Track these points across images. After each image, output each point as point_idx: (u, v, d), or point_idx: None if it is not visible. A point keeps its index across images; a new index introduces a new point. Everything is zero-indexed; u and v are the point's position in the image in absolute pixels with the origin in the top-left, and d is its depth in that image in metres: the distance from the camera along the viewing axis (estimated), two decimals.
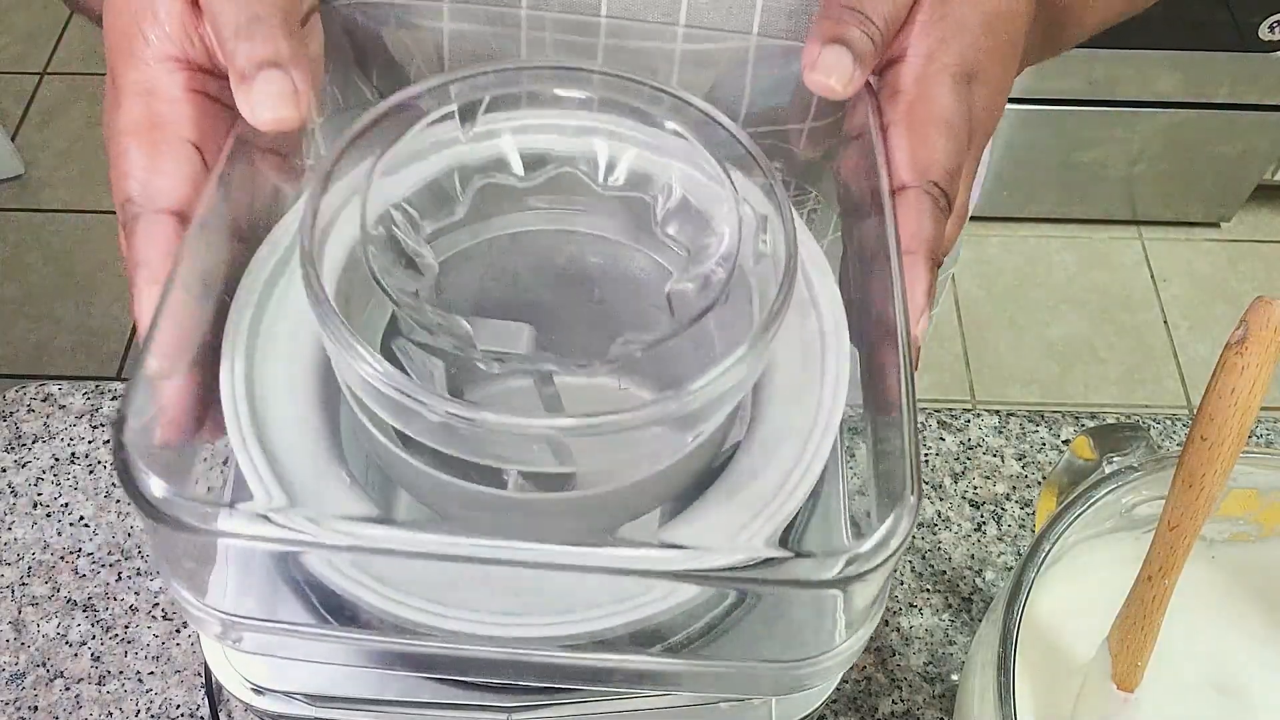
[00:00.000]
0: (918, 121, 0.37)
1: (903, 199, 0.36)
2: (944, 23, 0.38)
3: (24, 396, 0.63)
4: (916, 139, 0.37)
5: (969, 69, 0.38)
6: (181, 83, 0.35)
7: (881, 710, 0.54)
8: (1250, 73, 1.59)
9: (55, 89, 1.99)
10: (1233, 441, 0.35)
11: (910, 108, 0.38)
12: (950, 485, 0.61)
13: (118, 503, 0.59)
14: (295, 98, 0.33)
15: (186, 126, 0.34)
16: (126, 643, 0.55)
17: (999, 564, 0.58)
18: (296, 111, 0.33)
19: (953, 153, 0.37)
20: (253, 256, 0.35)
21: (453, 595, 0.31)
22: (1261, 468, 0.44)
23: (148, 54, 0.35)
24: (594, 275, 0.41)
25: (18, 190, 1.86)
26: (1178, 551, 0.38)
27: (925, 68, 0.38)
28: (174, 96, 0.34)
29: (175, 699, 0.54)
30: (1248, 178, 1.78)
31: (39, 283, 1.75)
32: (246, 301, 0.35)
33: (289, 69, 0.33)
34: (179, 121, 0.34)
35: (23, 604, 0.56)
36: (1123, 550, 0.44)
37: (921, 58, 0.38)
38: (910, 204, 0.36)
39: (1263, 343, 0.33)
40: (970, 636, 0.56)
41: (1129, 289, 1.81)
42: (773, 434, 0.34)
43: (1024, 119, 1.66)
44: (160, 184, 0.34)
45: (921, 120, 0.37)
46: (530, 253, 0.41)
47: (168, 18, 0.34)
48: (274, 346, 0.35)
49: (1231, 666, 0.46)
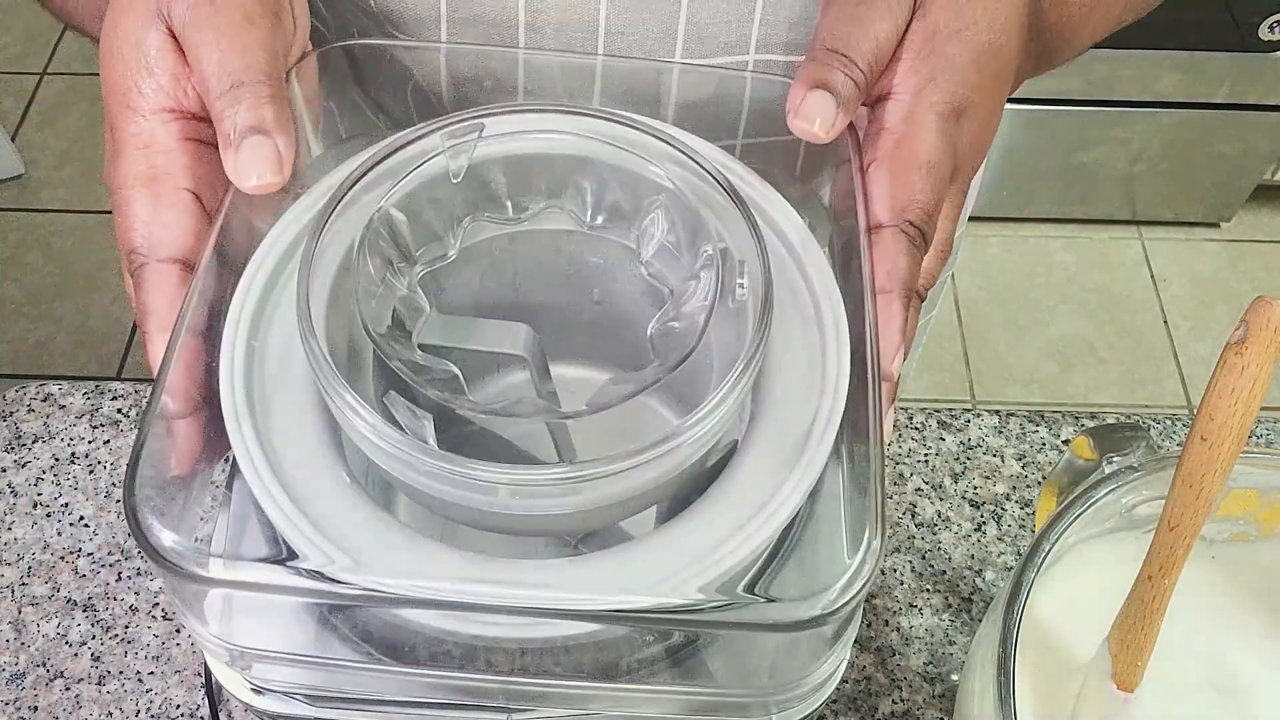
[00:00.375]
0: (900, 161, 0.38)
1: (879, 238, 0.37)
2: (932, 60, 0.39)
3: (24, 396, 0.63)
4: (897, 179, 0.37)
5: (957, 105, 0.39)
6: (177, 133, 0.36)
7: (881, 710, 0.54)
8: (1250, 73, 1.59)
9: (55, 89, 1.99)
10: (1233, 441, 0.35)
11: (895, 146, 0.38)
12: (950, 485, 0.61)
13: (117, 503, 0.59)
14: (279, 164, 0.34)
15: (184, 176, 0.36)
16: (126, 643, 0.55)
17: (999, 564, 0.58)
18: (280, 177, 0.34)
19: (932, 193, 0.38)
20: (241, 276, 0.36)
21: None
22: (1261, 468, 0.44)
23: (143, 106, 0.36)
24: (593, 274, 0.42)
25: (18, 190, 1.86)
26: (1178, 551, 0.38)
27: (912, 106, 0.39)
28: (170, 147, 0.36)
29: (175, 699, 0.54)
30: (1248, 178, 1.78)
31: (39, 283, 1.75)
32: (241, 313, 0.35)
33: (273, 134, 0.34)
34: (177, 172, 0.36)
35: (23, 604, 0.56)
36: (1123, 550, 0.44)
37: (909, 95, 0.39)
38: (887, 243, 0.37)
39: (1263, 343, 0.33)
40: (970, 636, 0.56)
41: (1129, 289, 1.81)
42: (772, 436, 0.34)
43: (1024, 119, 1.66)
44: (163, 234, 0.35)
45: (904, 160, 0.38)
46: (529, 254, 0.41)
47: (160, 70, 0.36)
48: (271, 348, 0.35)
49: (1231, 666, 0.46)
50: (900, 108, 0.39)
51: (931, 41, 0.39)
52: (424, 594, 0.30)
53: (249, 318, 0.35)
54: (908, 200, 0.37)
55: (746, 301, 0.35)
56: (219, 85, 0.35)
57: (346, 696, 0.36)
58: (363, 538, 0.32)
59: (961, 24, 0.39)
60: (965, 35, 0.39)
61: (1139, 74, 1.60)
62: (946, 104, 0.38)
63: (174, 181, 0.36)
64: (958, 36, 0.39)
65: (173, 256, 0.35)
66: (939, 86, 0.39)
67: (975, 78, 0.39)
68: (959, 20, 0.39)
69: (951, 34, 0.39)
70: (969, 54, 0.39)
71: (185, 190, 0.36)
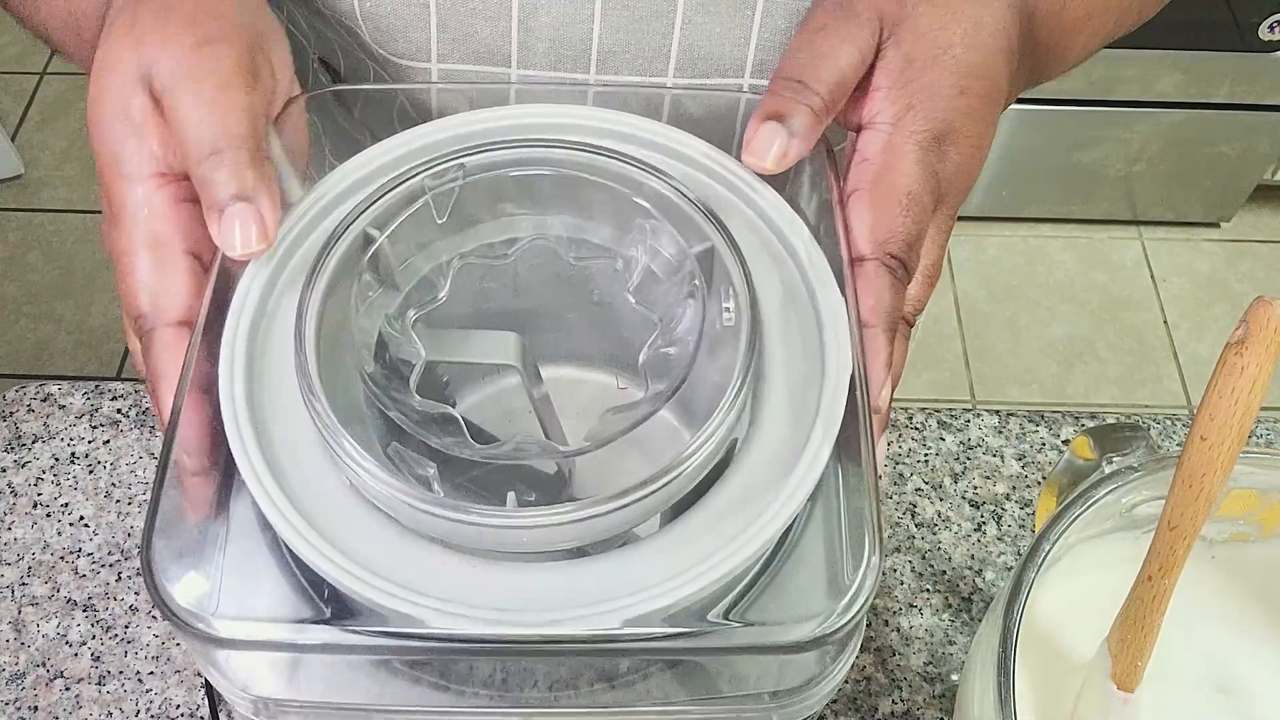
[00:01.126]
0: (880, 193, 0.38)
1: (861, 271, 0.37)
2: (910, 89, 0.39)
3: (24, 396, 0.63)
4: (878, 211, 0.37)
5: (938, 132, 0.39)
6: (171, 197, 0.37)
7: (881, 710, 0.54)
8: (1250, 73, 1.59)
9: (55, 89, 1.99)
10: (1233, 441, 0.35)
11: (875, 178, 0.38)
12: (950, 485, 0.61)
13: (117, 503, 0.59)
14: (263, 228, 0.35)
15: (182, 239, 0.36)
16: (126, 643, 0.55)
17: (999, 564, 0.58)
18: (266, 243, 0.35)
19: (913, 224, 0.38)
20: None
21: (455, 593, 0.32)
22: (1261, 468, 0.44)
23: (135, 174, 0.36)
24: (592, 276, 0.42)
25: (18, 190, 1.86)
26: (1178, 551, 0.38)
27: (891, 136, 0.39)
28: (166, 214, 0.36)
29: (175, 699, 0.54)
30: (1248, 178, 1.78)
31: (39, 283, 1.75)
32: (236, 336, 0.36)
33: (256, 200, 0.35)
34: (176, 236, 0.36)
35: (23, 604, 0.56)
36: (1123, 550, 0.44)
37: (888, 125, 0.39)
38: (869, 277, 0.37)
39: (1263, 343, 0.33)
40: (970, 636, 0.56)
41: (1129, 289, 1.81)
42: (771, 438, 0.34)
43: (1024, 119, 1.66)
44: (168, 300, 0.36)
45: (884, 192, 0.38)
46: (525, 260, 0.41)
47: (148, 134, 0.36)
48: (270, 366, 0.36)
49: (1231, 666, 0.46)
50: (879, 138, 0.39)
51: (908, 70, 0.39)
52: (428, 608, 0.31)
53: (246, 326, 0.36)
54: (889, 233, 0.37)
55: (736, 323, 0.35)
56: (199, 152, 0.35)
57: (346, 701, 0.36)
58: (367, 547, 0.32)
59: (938, 49, 0.39)
60: (943, 61, 0.39)
61: (1139, 74, 1.60)
62: (926, 132, 0.38)
63: (174, 246, 0.36)
64: (936, 63, 0.39)
65: (180, 319, 0.36)
66: (918, 115, 0.39)
67: (960, 102, 0.39)
68: (935, 46, 0.39)
69: (929, 61, 0.39)
70: (949, 79, 0.39)
71: (186, 253, 0.36)
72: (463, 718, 0.35)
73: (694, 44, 0.48)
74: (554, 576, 0.32)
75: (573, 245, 0.40)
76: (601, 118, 0.39)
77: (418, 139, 0.39)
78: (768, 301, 0.37)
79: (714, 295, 0.37)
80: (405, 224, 0.37)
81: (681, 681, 0.35)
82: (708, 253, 0.37)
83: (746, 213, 0.39)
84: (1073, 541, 0.44)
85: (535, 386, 0.40)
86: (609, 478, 0.33)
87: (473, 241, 0.40)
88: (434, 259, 0.39)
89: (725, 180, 0.39)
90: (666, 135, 0.39)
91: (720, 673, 0.35)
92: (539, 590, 0.32)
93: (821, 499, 0.34)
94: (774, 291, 0.37)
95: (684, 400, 0.37)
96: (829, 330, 0.36)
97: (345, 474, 0.33)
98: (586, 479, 0.39)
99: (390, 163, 0.39)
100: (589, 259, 0.40)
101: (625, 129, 0.39)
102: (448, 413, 0.35)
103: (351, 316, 0.35)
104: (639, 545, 0.33)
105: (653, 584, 0.31)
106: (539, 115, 0.40)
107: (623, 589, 0.31)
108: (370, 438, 0.35)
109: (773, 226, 0.38)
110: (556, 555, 0.33)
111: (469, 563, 0.32)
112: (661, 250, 0.38)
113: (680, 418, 0.41)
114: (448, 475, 0.34)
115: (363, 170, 0.39)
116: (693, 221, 0.37)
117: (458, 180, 0.37)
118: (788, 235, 0.38)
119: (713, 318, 0.36)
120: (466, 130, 0.39)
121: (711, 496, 0.33)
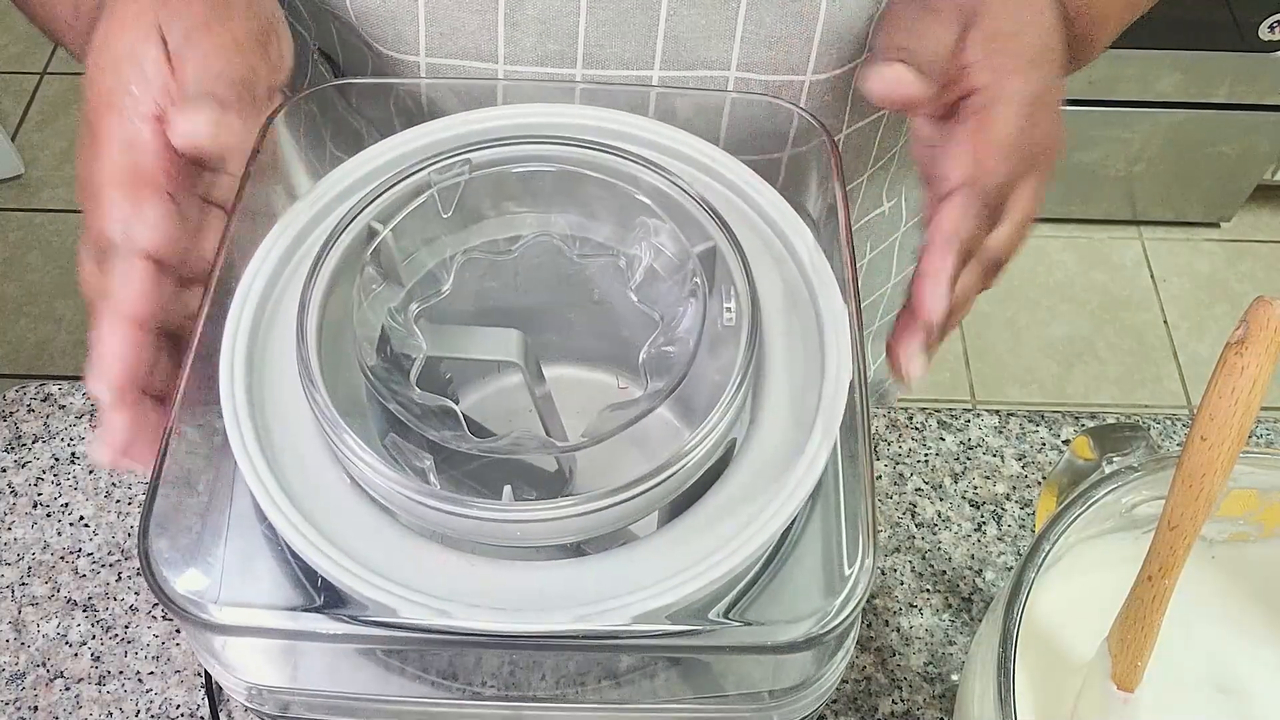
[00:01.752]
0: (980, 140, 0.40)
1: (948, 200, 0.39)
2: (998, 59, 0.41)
3: (24, 396, 0.63)
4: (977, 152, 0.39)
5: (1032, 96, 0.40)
6: (165, 140, 0.37)
7: (881, 710, 0.54)
8: (1250, 73, 1.59)
9: (55, 89, 1.99)
10: (1233, 441, 0.35)
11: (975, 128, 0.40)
12: (950, 485, 0.61)
13: (117, 503, 0.59)
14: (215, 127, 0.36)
15: (165, 180, 0.37)
16: (126, 643, 0.55)
17: (999, 564, 0.58)
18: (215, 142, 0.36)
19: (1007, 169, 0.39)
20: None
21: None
22: (1261, 468, 0.44)
23: (131, 109, 0.37)
24: (593, 274, 0.42)
25: (18, 190, 1.86)
26: (1178, 551, 0.38)
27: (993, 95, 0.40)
28: (155, 151, 0.37)
29: (175, 699, 0.54)
30: (1248, 178, 1.77)
31: (39, 282, 1.75)
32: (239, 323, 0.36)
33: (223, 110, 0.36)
34: (159, 175, 0.37)
35: (23, 604, 0.56)
36: (1123, 550, 0.44)
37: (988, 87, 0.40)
38: (954, 201, 0.39)
39: (1263, 343, 0.33)
40: (970, 636, 0.56)
41: (1129, 289, 1.81)
42: (770, 438, 0.34)
43: None
44: (142, 232, 0.36)
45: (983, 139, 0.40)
46: (528, 256, 0.41)
47: (154, 80, 0.37)
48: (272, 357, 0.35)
49: (1231, 666, 0.46)
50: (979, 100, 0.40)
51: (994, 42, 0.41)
52: (429, 606, 0.31)
53: (250, 316, 0.35)
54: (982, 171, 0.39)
55: (736, 323, 0.35)
56: (195, 88, 0.36)
57: (346, 695, 0.36)
58: (368, 545, 0.32)
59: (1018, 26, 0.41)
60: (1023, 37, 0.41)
61: (1139, 74, 1.59)
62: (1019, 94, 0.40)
63: (157, 185, 0.36)
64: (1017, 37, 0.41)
65: (147, 253, 0.36)
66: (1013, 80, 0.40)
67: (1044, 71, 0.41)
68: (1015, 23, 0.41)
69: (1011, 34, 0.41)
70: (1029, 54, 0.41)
71: (166, 193, 0.37)
72: (459, 713, 0.35)
73: (679, 35, 0.48)
74: (553, 575, 0.32)
75: (576, 242, 0.40)
76: (604, 117, 0.40)
77: (421, 137, 0.39)
78: (769, 301, 0.37)
79: (715, 294, 0.37)
80: (410, 218, 0.37)
81: (681, 680, 0.35)
82: (710, 252, 0.37)
83: (747, 212, 0.39)
84: (1073, 541, 0.44)
85: (538, 385, 0.40)
86: (608, 475, 0.33)
87: (476, 237, 0.40)
88: (437, 254, 0.39)
89: (726, 180, 0.39)
90: (671, 136, 0.39)
91: (720, 671, 0.35)
92: (538, 588, 0.31)
93: (820, 499, 0.34)
94: (775, 291, 0.37)
95: (684, 399, 0.37)
96: (829, 331, 0.36)
97: (344, 467, 0.33)
98: (586, 477, 0.39)
99: (393, 160, 0.39)
100: (592, 256, 0.40)
101: (628, 129, 0.40)
102: (446, 406, 0.35)
103: (354, 310, 0.35)
104: (639, 545, 0.32)
105: (652, 583, 0.31)
106: (542, 115, 0.40)
107: (623, 588, 0.31)
108: (370, 432, 0.35)
109: (774, 226, 0.38)
110: (556, 554, 0.33)
111: (468, 561, 0.32)
112: (664, 249, 0.38)
113: (680, 416, 0.41)
114: (445, 469, 0.34)
115: (366, 167, 0.39)
116: (695, 220, 0.37)
117: (463, 176, 0.37)
118: (789, 235, 0.38)
119: (713, 317, 0.36)
120: (470, 129, 0.39)
121: (711, 496, 0.33)
